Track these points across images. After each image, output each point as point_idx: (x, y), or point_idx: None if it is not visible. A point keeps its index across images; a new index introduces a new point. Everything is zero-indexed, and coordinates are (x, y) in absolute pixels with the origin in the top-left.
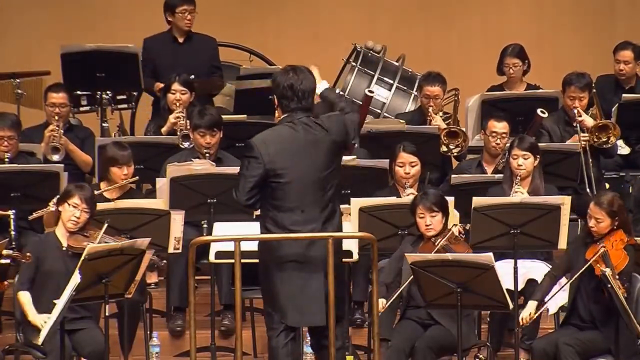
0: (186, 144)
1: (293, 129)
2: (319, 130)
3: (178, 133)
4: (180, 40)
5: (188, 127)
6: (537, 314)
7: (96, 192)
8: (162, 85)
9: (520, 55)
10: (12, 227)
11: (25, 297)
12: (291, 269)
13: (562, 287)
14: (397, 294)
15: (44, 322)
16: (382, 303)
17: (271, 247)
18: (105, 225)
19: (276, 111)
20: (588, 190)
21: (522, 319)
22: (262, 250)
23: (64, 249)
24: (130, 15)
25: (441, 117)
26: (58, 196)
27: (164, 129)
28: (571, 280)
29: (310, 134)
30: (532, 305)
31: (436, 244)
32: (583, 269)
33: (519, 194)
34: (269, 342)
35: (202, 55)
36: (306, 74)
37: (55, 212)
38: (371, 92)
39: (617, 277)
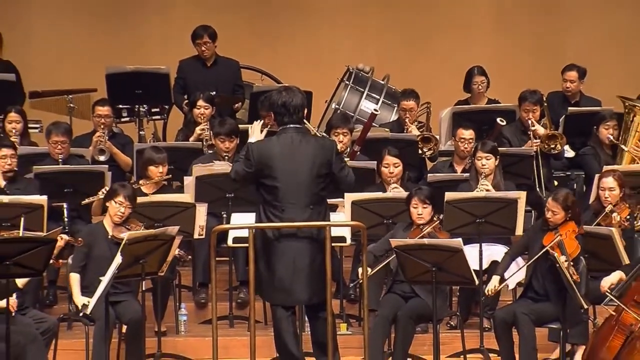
0: (210, 151)
1: (284, 140)
2: (306, 143)
3: (204, 143)
4: (209, 64)
5: (211, 137)
6: (500, 287)
7: (135, 186)
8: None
9: (484, 73)
10: (66, 217)
11: (74, 279)
12: (276, 257)
13: (521, 267)
14: (383, 264)
15: (84, 303)
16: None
17: (260, 236)
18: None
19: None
20: (538, 189)
21: (487, 291)
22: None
23: (109, 237)
24: (163, 43)
25: (416, 126)
26: (106, 187)
27: (191, 139)
28: (529, 262)
29: (299, 145)
30: (495, 279)
31: (423, 230)
32: (540, 253)
33: (484, 187)
34: (273, 314)
35: (226, 76)
36: (296, 92)
37: (101, 201)
38: (377, 110)
39: (571, 263)
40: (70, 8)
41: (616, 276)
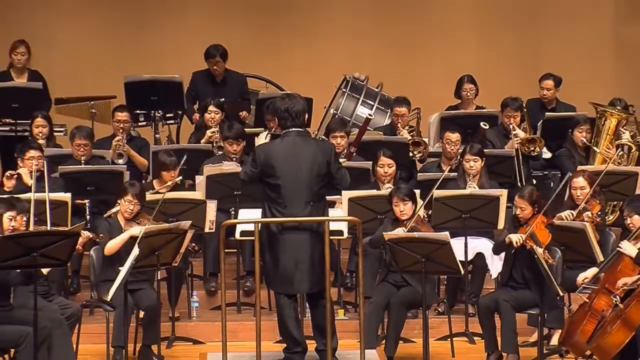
0: (220, 153)
1: (287, 142)
2: (307, 145)
3: (214, 145)
4: (218, 80)
5: (220, 140)
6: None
7: (152, 191)
8: (198, 116)
9: (474, 82)
10: (88, 213)
11: (110, 241)
12: (279, 249)
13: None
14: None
15: (140, 230)
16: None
17: (265, 230)
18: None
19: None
20: (519, 184)
21: (515, 243)
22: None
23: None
24: (176, 54)
25: (407, 130)
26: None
27: (202, 141)
28: (510, 258)
29: (300, 147)
30: (512, 235)
31: (407, 225)
32: (516, 248)
33: (471, 188)
34: (277, 301)
35: (234, 89)
36: (297, 99)
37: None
38: (371, 115)
39: (545, 250)
40: (90, 20)
41: (591, 272)
